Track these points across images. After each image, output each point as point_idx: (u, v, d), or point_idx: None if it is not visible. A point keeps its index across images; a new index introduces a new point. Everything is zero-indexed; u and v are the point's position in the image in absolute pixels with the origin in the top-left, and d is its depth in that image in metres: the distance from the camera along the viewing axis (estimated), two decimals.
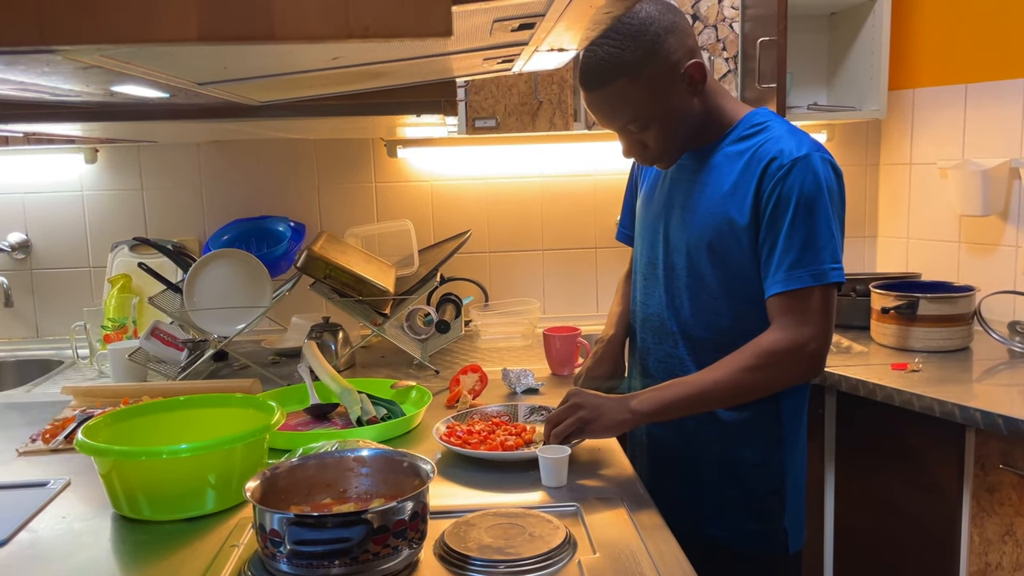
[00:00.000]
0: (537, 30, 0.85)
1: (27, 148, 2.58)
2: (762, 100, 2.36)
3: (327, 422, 1.82)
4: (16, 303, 2.69)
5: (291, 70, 0.92)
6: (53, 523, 1.35)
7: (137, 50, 0.71)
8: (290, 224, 2.71)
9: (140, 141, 2.60)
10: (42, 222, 2.71)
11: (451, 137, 2.56)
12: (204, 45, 0.63)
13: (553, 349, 2.20)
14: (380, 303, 2.24)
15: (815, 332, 1.41)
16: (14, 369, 2.57)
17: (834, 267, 1.41)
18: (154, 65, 0.81)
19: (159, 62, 0.78)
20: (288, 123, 1.70)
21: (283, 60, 0.84)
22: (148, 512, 1.34)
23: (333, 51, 0.82)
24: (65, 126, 1.45)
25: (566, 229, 2.86)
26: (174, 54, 0.75)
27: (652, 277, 1.64)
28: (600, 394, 1.51)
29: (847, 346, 2.38)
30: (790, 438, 1.56)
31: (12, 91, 0.92)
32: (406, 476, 1.24)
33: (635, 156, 1.57)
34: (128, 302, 2.46)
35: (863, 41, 2.67)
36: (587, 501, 1.36)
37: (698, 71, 1.46)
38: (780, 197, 1.40)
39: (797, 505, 1.59)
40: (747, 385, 1.43)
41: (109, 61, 0.72)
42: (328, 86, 1.17)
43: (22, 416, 1.96)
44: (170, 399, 1.57)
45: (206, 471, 1.35)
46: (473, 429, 1.66)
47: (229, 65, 0.84)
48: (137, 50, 0.71)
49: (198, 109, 1.28)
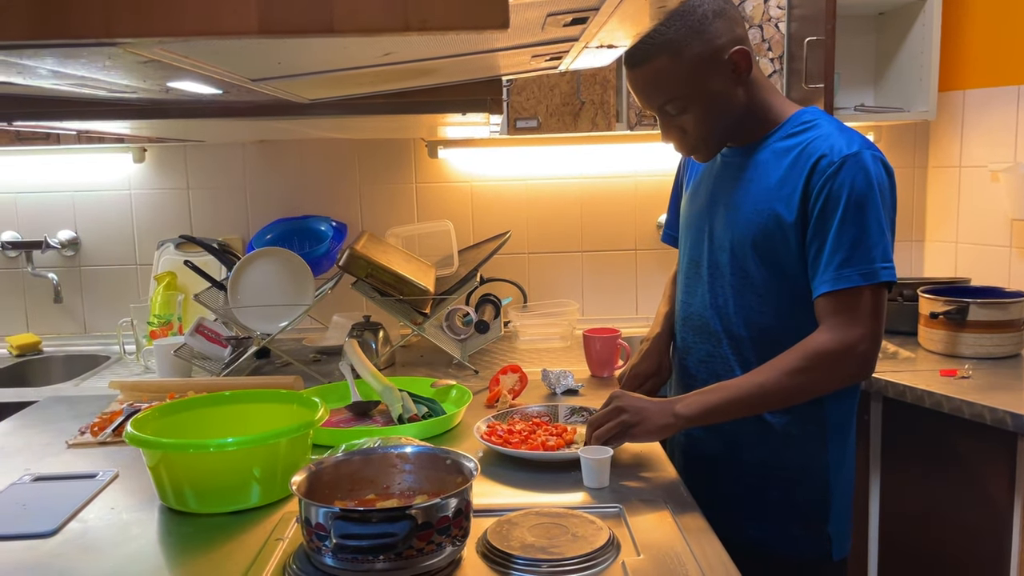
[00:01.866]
0: (590, 25, 0.85)
1: (78, 147, 2.63)
2: (808, 101, 2.33)
3: (368, 419, 1.83)
4: (65, 299, 2.75)
5: (343, 66, 0.93)
6: (102, 514, 1.37)
7: (195, 44, 0.72)
8: (332, 224, 2.73)
9: (187, 141, 2.65)
10: (91, 220, 2.77)
11: (492, 138, 2.56)
12: (264, 38, 0.63)
13: (593, 350, 2.19)
14: (420, 303, 2.25)
15: (865, 332, 1.38)
16: (62, 364, 2.62)
17: (885, 266, 1.38)
18: (211, 60, 0.82)
19: (216, 57, 0.79)
20: (334, 121, 1.72)
21: (336, 55, 0.85)
22: (194, 505, 1.36)
23: (386, 46, 0.82)
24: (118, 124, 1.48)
25: (606, 231, 2.85)
26: (231, 48, 0.76)
27: (695, 276, 1.62)
28: (643, 397, 1.49)
29: (893, 352, 2.34)
30: (836, 442, 1.53)
31: (71, 86, 0.94)
32: (449, 473, 1.24)
33: (673, 142, 1.55)
34: (173, 299, 2.50)
35: (912, 41, 2.62)
36: (630, 502, 1.35)
37: (743, 59, 1.44)
38: (830, 195, 1.38)
39: (843, 511, 1.56)
40: (795, 388, 1.41)
41: (168, 55, 0.73)
42: (376, 84, 1.17)
43: (70, 409, 2.00)
44: (216, 394, 1.59)
45: (251, 465, 1.36)
46: (514, 429, 1.66)
47: (283, 60, 0.85)
48: (195, 44, 0.72)
49: (248, 106, 1.30)
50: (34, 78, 0.85)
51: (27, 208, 2.75)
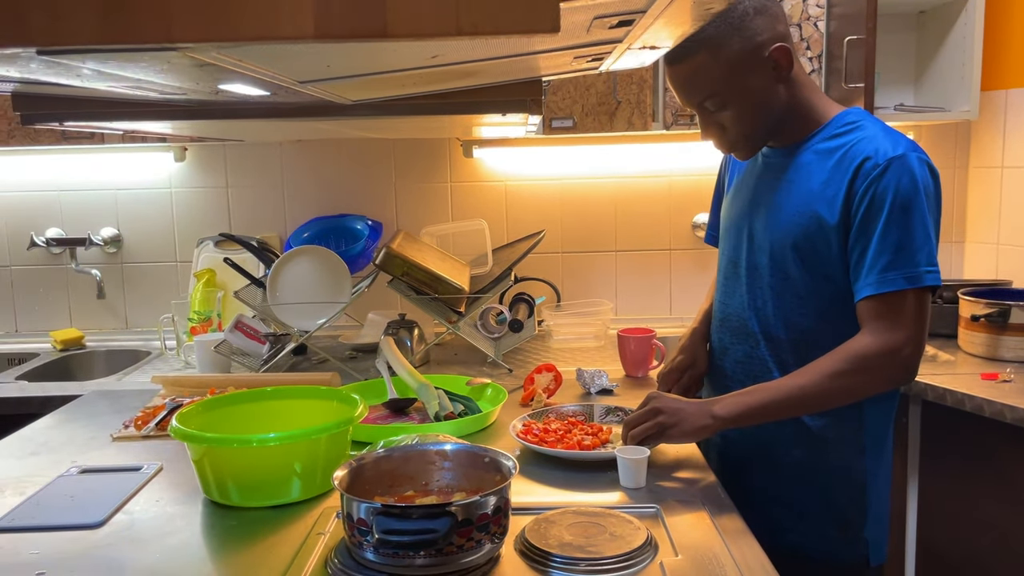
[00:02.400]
0: (635, 27, 0.85)
1: (121, 147, 2.69)
2: (848, 100, 2.31)
3: (405, 416, 1.85)
4: (108, 295, 2.80)
5: (390, 68, 0.94)
6: (148, 506, 1.40)
7: (251, 48, 0.73)
8: (368, 222, 2.76)
9: (227, 140, 2.69)
10: (133, 218, 2.82)
11: (527, 137, 2.57)
12: (320, 43, 0.64)
13: (627, 350, 2.19)
14: (455, 301, 2.26)
15: (909, 336, 1.37)
16: (105, 359, 2.67)
17: (929, 270, 1.37)
18: (264, 63, 0.84)
19: (269, 60, 0.81)
20: (373, 122, 1.74)
21: (385, 58, 0.86)
22: (237, 498, 1.39)
23: (434, 49, 0.84)
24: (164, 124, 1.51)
25: (640, 230, 2.85)
26: (285, 52, 0.77)
27: (734, 276, 1.61)
28: (681, 399, 1.49)
29: (933, 355, 2.31)
30: (874, 446, 1.52)
31: (125, 88, 0.96)
32: (487, 471, 1.25)
33: (712, 139, 1.54)
34: (213, 296, 2.54)
35: (954, 40, 2.58)
36: (667, 503, 1.35)
37: (784, 56, 1.43)
38: (875, 197, 1.37)
39: (880, 517, 1.55)
40: (835, 391, 1.40)
41: (224, 59, 0.75)
42: (420, 85, 1.19)
43: (113, 404, 2.04)
44: (258, 390, 1.62)
45: (292, 460, 1.38)
46: (549, 428, 1.66)
47: (332, 64, 0.86)
48: (251, 48, 0.73)
49: (292, 107, 1.32)
50: (90, 80, 0.87)
51: (71, 206, 2.81)
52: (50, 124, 1.35)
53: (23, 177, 2.80)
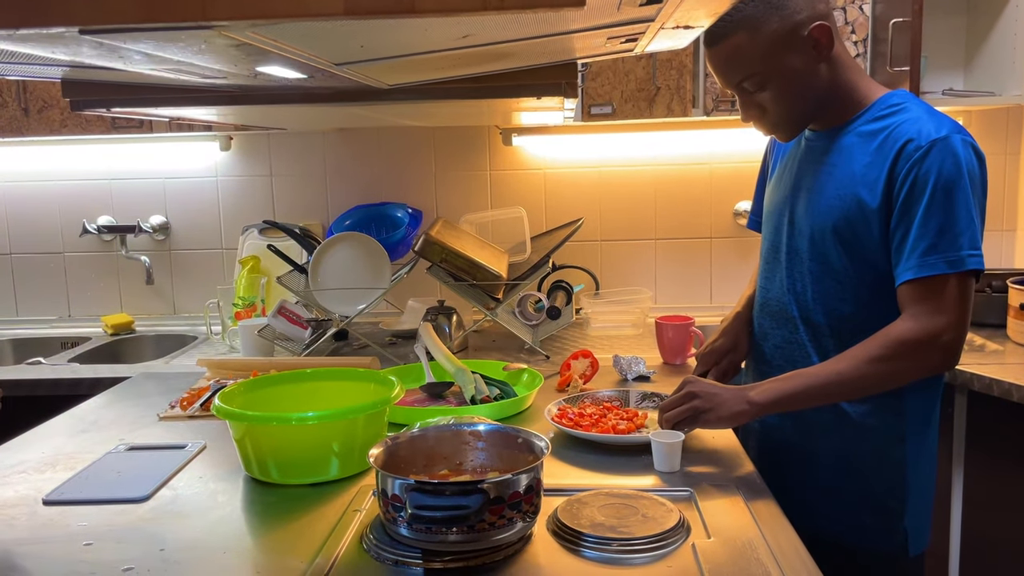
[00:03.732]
0: (666, 4, 0.85)
1: (168, 136, 2.75)
2: (893, 84, 2.26)
3: (442, 400, 1.87)
4: (156, 281, 2.88)
5: (423, 49, 0.95)
6: (191, 482, 1.44)
7: (285, 27, 0.75)
8: (408, 210, 2.78)
9: (270, 129, 2.73)
10: (180, 206, 2.89)
11: (566, 124, 2.57)
12: (350, 19, 0.66)
13: (665, 338, 2.18)
14: (493, 288, 2.27)
15: (950, 321, 1.34)
16: (153, 343, 2.74)
17: (972, 254, 1.33)
18: (298, 43, 0.86)
19: (303, 40, 0.82)
20: (412, 107, 1.75)
21: (417, 38, 0.87)
22: (277, 475, 1.42)
23: (465, 28, 0.84)
24: (207, 110, 1.54)
25: (680, 218, 2.83)
26: (317, 31, 0.79)
27: (774, 261, 1.60)
28: (717, 384, 1.48)
29: (980, 344, 2.26)
30: (915, 435, 1.49)
31: (167, 71, 0.99)
32: (520, 452, 1.26)
33: (753, 121, 1.52)
34: (257, 282, 2.59)
35: (1005, 22, 2.51)
36: (701, 487, 1.34)
37: (824, 35, 1.41)
38: (916, 180, 1.34)
39: (922, 507, 1.52)
40: (874, 377, 1.38)
41: (259, 38, 0.77)
42: (454, 67, 1.20)
43: (160, 385, 2.10)
44: (298, 371, 1.65)
45: (331, 439, 1.41)
46: (584, 412, 1.67)
47: (366, 44, 0.87)
48: (285, 27, 0.75)
49: (330, 92, 1.34)
50: (133, 63, 0.90)
51: (121, 194, 2.89)
52: (97, 110, 1.39)
53: (76, 166, 2.89)
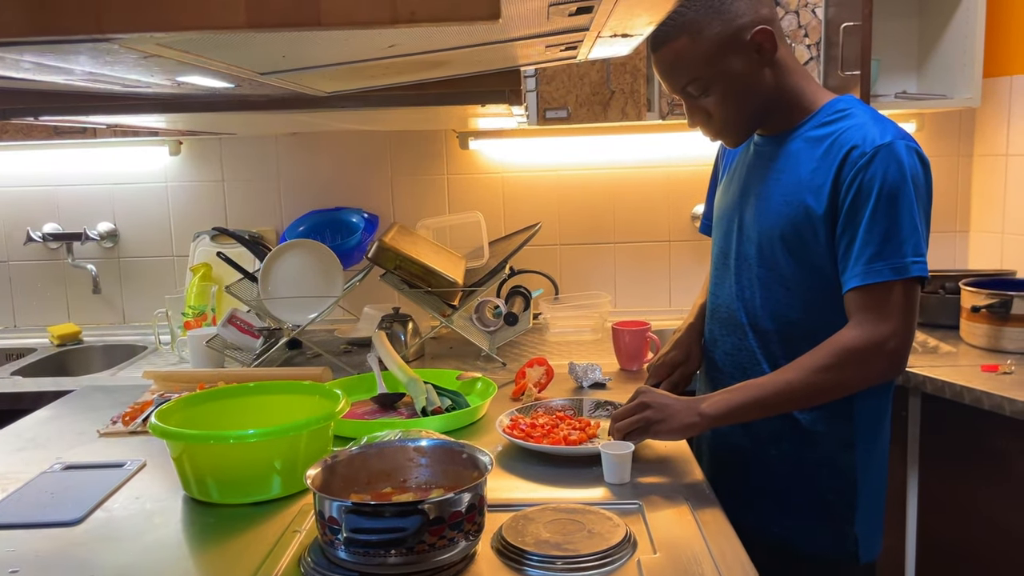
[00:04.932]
0: (596, 14, 0.83)
1: (115, 140, 2.68)
2: (845, 88, 2.27)
3: (393, 411, 1.84)
4: (104, 290, 2.81)
5: (350, 59, 0.92)
6: (127, 503, 1.40)
7: (193, 39, 0.71)
8: (364, 215, 2.74)
9: (220, 133, 2.68)
10: (129, 212, 2.82)
11: (522, 128, 2.54)
12: (252, 32, 0.63)
13: (622, 343, 2.17)
14: (449, 294, 2.24)
15: (895, 329, 1.34)
16: (102, 353, 2.67)
17: (916, 260, 1.33)
18: (212, 54, 0.82)
19: (217, 51, 0.79)
20: (360, 114, 1.72)
21: (340, 49, 0.84)
22: (217, 495, 1.38)
23: (389, 39, 0.81)
24: (143, 118, 1.49)
25: (639, 222, 2.82)
26: (230, 43, 0.76)
27: (724, 267, 1.59)
28: (670, 395, 1.47)
29: (934, 346, 2.27)
30: (864, 441, 1.49)
31: (85, 82, 0.95)
32: (465, 468, 1.24)
33: (700, 126, 1.52)
34: (208, 290, 2.53)
35: (956, 25, 2.53)
36: (650, 499, 1.33)
37: (767, 39, 1.40)
38: (861, 186, 1.34)
39: (872, 513, 1.52)
40: (823, 385, 1.37)
41: (168, 51, 0.73)
42: (391, 76, 1.17)
43: (105, 399, 2.04)
44: (240, 385, 1.61)
45: (272, 457, 1.37)
46: (536, 423, 1.64)
47: (287, 54, 0.84)
48: (193, 39, 0.71)
49: (267, 100, 1.30)
50: (44, 73, 0.86)
51: (67, 200, 2.81)
52: (25, 119, 1.34)
53: (19, 171, 2.80)
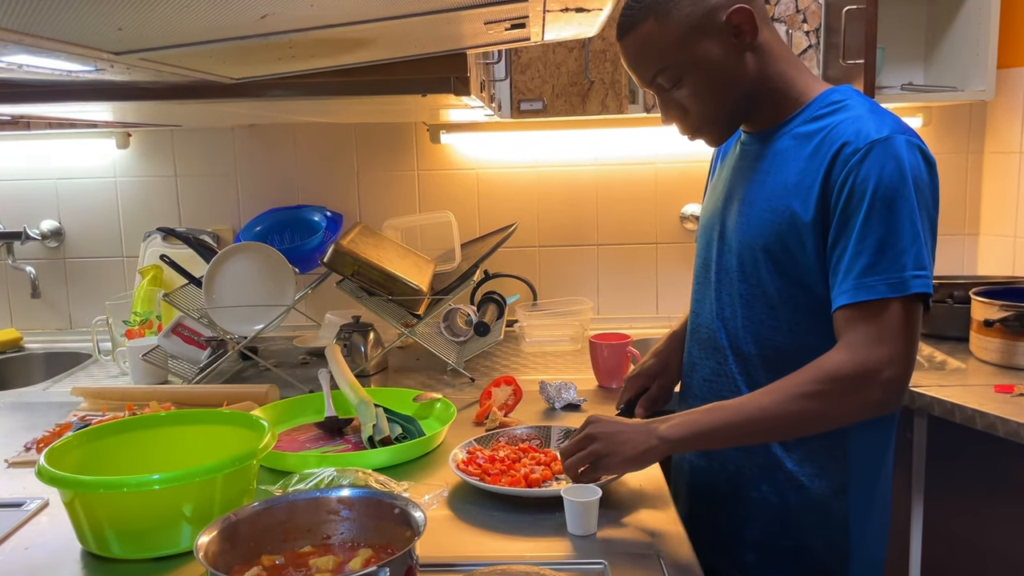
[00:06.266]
0: None
1: (59, 132, 2.48)
2: (847, 79, 2.07)
3: (340, 438, 1.64)
4: (49, 293, 2.61)
5: (221, 36, 0.72)
6: (14, 554, 1.21)
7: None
8: (326, 214, 2.54)
9: (162, 125, 2.47)
10: (75, 209, 2.61)
11: (497, 121, 2.35)
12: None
13: (600, 358, 1.98)
14: (413, 302, 2.05)
15: (892, 354, 1.13)
16: (43, 362, 2.48)
17: (917, 274, 1.13)
18: (35, 29, 0.63)
19: (38, 24, 0.59)
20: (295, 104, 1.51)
21: (192, 20, 0.64)
22: (117, 549, 1.18)
23: (256, 6, 0.62)
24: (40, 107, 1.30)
25: (624, 222, 2.61)
26: (33, 7, 0.56)
27: (705, 282, 1.39)
28: (621, 420, 1.27)
29: (941, 360, 2.08)
30: (860, 484, 1.29)
31: None
32: (395, 524, 1.05)
33: (675, 122, 1.32)
34: (155, 295, 2.34)
35: (968, 12, 2.34)
36: (616, 557, 1.14)
37: (746, 19, 1.20)
38: (854, 188, 1.14)
39: (869, 566, 1.32)
40: (803, 415, 1.17)
41: None
42: (303, 59, 0.97)
43: (29, 417, 1.85)
44: (152, 415, 1.41)
45: (181, 504, 1.18)
46: (497, 455, 1.45)
47: (124, 27, 0.64)
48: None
49: (167, 88, 1.10)
50: None
51: (6, 196, 2.60)
52: None
53: None
